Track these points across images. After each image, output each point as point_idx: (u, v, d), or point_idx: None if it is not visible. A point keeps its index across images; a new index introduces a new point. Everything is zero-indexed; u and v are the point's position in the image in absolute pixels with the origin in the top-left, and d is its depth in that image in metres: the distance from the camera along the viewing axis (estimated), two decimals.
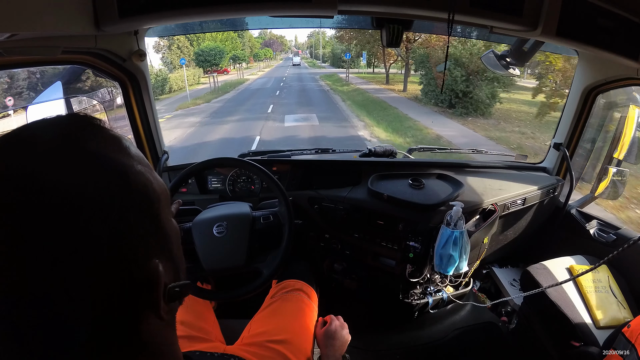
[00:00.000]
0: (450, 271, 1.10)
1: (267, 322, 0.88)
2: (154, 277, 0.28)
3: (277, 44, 60.67)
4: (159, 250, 0.30)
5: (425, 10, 0.81)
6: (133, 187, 0.28)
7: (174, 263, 0.32)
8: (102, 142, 0.27)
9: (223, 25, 1.40)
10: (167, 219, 0.31)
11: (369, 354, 1.35)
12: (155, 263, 0.28)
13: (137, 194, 0.28)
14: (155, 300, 0.29)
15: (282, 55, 69.52)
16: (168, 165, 1.35)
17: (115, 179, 0.26)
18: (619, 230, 1.28)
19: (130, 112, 1.21)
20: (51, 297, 0.23)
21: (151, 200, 0.29)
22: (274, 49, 58.07)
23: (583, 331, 1.06)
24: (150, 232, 0.29)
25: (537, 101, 9.02)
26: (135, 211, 0.27)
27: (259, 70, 37.25)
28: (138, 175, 0.28)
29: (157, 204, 0.30)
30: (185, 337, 0.81)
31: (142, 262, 0.27)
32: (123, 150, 0.29)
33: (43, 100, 1.32)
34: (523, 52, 1.07)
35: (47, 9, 0.62)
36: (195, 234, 0.92)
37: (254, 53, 46.60)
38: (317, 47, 56.55)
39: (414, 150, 1.64)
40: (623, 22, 0.81)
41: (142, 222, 0.28)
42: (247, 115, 11.20)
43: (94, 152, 0.26)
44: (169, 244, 0.31)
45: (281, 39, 64.27)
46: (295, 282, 1.01)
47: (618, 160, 1.32)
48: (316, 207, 1.29)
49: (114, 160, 0.27)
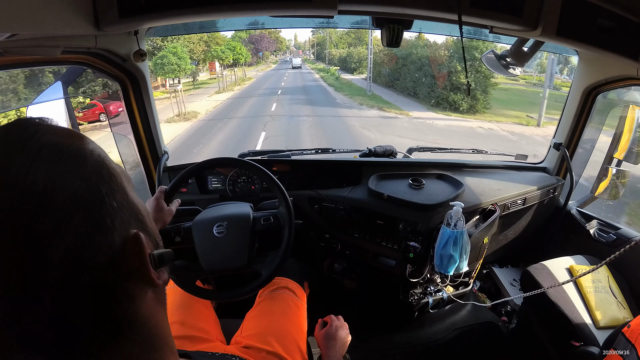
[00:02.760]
0: (450, 271, 1.10)
1: (257, 323, 0.89)
2: (138, 244, 0.29)
3: (268, 41, 38.93)
4: (134, 222, 0.31)
5: (425, 10, 0.81)
6: (92, 164, 0.29)
7: (150, 235, 0.33)
8: (51, 133, 0.29)
9: (223, 25, 1.40)
10: (134, 195, 0.33)
11: (369, 354, 1.35)
12: (136, 232, 0.30)
13: (97, 169, 0.29)
14: (144, 265, 0.30)
15: (279, 55, 52.25)
16: (168, 166, 1.35)
17: (74, 161, 0.28)
18: (619, 230, 1.28)
19: (130, 112, 1.21)
20: (30, 289, 0.24)
21: (113, 174, 0.30)
22: (263, 47, 38.32)
23: (583, 331, 1.06)
24: (123, 205, 0.30)
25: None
26: (103, 185, 0.29)
27: (217, 92, 17.67)
28: (93, 153, 0.30)
29: (120, 179, 0.31)
30: (186, 337, 0.81)
31: (122, 231, 0.29)
32: (72, 134, 0.30)
33: (43, 100, 1.32)
34: (523, 52, 1.07)
35: (47, 9, 0.62)
36: (195, 233, 0.92)
37: (218, 54, 21.57)
38: (325, 45, 40.65)
39: (414, 150, 1.64)
40: (623, 22, 0.81)
41: (112, 195, 0.29)
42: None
43: (48, 142, 0.27)
44: (141, 217, 0.33)
45: (275, 34, 40.92)
46: (281, 279, 1.02)
47: (618, 160, 1.32)
48: (316, 207, 1.29)
49: (68, 145, 0.28)
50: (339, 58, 31.85)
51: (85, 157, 0.29)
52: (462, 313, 1.52)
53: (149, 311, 0.31)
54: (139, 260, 0.29)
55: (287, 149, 1.48)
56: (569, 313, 1.09)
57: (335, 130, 9.40)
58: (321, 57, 42.21)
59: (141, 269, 0.30)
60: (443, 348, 1.38)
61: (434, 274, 1.30)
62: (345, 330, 0.93)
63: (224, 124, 10.53)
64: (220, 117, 11.67)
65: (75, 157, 0.28)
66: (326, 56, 37.79)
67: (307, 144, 7.90)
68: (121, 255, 0.28)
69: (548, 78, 10.37)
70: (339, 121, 10.52)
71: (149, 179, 1.33)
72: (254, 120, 10.66)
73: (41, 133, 0.28)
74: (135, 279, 0.29)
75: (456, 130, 9.84)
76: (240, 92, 17.89)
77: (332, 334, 0.89)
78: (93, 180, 0.28)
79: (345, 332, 0.92)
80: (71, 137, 0.29)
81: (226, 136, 9.05)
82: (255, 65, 37.63)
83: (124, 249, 0.29)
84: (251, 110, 12.78)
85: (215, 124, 10.48)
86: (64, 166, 0.27)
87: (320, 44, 44.32)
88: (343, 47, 35.58)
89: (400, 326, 1.47)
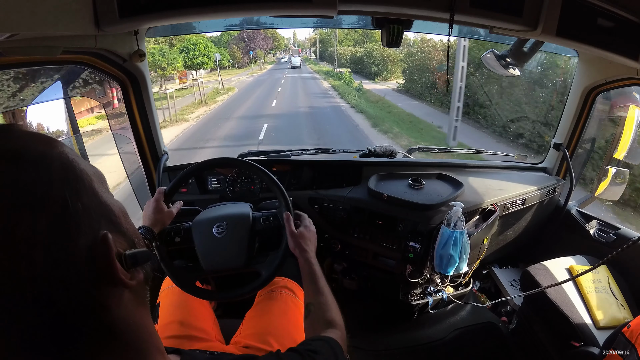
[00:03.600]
0: (450, 271, 1.10)
1: (256, 322, 0.89)
2: (105, 245, 0.29)
3: (262, 38, 32.36)
4: (105, 223, 0.30)
5: (425, 10, 0.81)
6: (57, 168, 0.29)
7: (126, 235, 0.33)
8: (14, 139, 0.29)
9: (222, 25, 1.40)
10: (107, 196, 0.33)
11: (369, 354, 1.35)
12: (104, 233, 0.29)
13: (62, 173, 0.29)
14: (111, 266, 0.29)
15: (278, 54, 45.78)
16: (168, 166, 1.35)
17: (34, 166, 0.28)
18: (619, 230, 1.28)
19: (130, 113, 1.21)
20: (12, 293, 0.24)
21: (80, 178, 0.30)
22: (256, 45, 32.31)
23: (583, 331, 1.06)
24: (92, 206, 0.30)
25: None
26: (67, 189, 0.28)
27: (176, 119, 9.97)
28: (60, 156, 0.29)
29: (89, 180, 0.31)
30: (184, 337, 0.81)
31: (89, 233, 0.29)
32: (36, 139, 0.30)
33: (43, 100, 1.32)
34: (523, 52, 1.07)
35: (47, 9, 0.62)
36: (195, 233, 0.92)
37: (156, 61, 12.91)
38: (329, 43, 33.35)
39: (413, 150, 1.64)
40: (623, 22, 0.81)
41: (79, 198, 0.29)
42: None
43: (9, 149, 0.27)
44: (114, 217, 0.32)
45: (271, 30, 27.97)
46: (280, 279, 1.01)
47: (618, 160, 1.32)
48: (316, 208, 1.29)
49: (31, 150, 0.28)
50: (350, 58, 24.12)
51: (48, 162, 0.28)
52: (462, 313, 1.52)
53: (128, 313, 0.30)
54: (105, 262, 0.29)
55: (287, 149, 1.48)
56: (569, 313, 1.09)
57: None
58: (324, 57, 35.83)
59: (108, 270, 0.29)
60: (443, 348, 1.38)
61: (433, 274, 1.30)
62: (314, 232, 0.91)
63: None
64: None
65: (36, 162, 0.28)
66: (332, 55, 29.38)
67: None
68: (90, 258, 0.28)
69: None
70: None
71: (148, 179, 1.33)
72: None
73: (4, 141, 0.28)
74: (106, 282, 0.29)
75: None
76: (194, 129, 9.28)
77: (307, 234, 0.87)
78: (56, 184, 0.28)
79: (315, 234, 0.91)
80: (35, 142, 0.29)
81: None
82: (247, 67, 31.47)
83: (92, 251, 0.28)
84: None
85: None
86: (24, 173, 0.27)
87: (324, 42, 36.96)
88: (349, 44, 28.51)
89: (400, 326, 1.47)
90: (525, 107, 7.19)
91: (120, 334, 0.29)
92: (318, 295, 0.72)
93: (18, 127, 0.30)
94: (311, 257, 0.82)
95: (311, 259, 0.81)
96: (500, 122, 7.74)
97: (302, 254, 0.82)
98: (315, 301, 0.71)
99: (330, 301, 0.71)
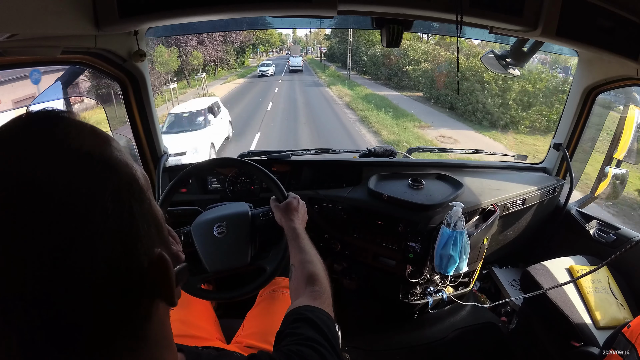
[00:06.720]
0: (450, 271, 1.10)
1: (258, 322, 0.89)
2: (164, 266, 0.28)
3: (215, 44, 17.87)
4: (156, 236, 0.29)
5: (425, 11, 0.81)
6: (124, 177, 0.27)
7: (168, 248, 0.32)
8: (81, 137, 0.27)
9: (222, 25, 1.40)
10: (155, 205, 0.31)
11: (369, 354, 1.35)
12: (159, 252, 0.28)
13: (128, 183, 0.27)
14: (169, 288, 0.29)
15: (274, 52, 37.47)
16: (167, 166, 1.34)
17: (104, 173, 0.26)
18: (619, 230, 1.27)
19: (130, 113, 1.20)
20: (52, 297, 0.23)
21: (142, 187, 0.29)
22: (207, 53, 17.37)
23: (583, 331, 1.06)
24: (148, 219, 0.28)
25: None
26: (134, 201, 0.27)
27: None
28: (124, 164, 0.28)
29: (146, 188, 0.29)
30: (186, 336, 0.81)
31: (148, 252, 0.27)
32: (102, 140, 0.28)
33: (43, 100, 1.32)
34: (523, 53, 1.07)
35: (47, 9, 0.62)
36: (195, 236, 0.91)
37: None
38: (352, 41, 18.11)
39: (413, 150, 1.64)
40: (623, 22, 0.81)
41: (141, 210, 0.27)
42: None
43: (77, 150, 0.26)
44: (162, 230, 0.31)
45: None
46: (282, 279, 1.02)
47: (618, 161, 1.32)
48: (316, 208, 1.29)
49: (98, 154, 0.26)
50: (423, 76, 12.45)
51: (116, 168, 0.27)
52: (462, 313, 1.52)
53: (160, 320, 0.30)
54: (163, 282, 0.28)
55: (287, 149, 1.48)
56: (569, 313, 1.09)
57: None
58: (335, 58, 23.94)
59: (165, 291, 0.29)
60: (443, 348, 1.38)
61: (433, 274, 1.30)
62: (304, 208, 0.89)
63: None
64: None
65: (106, 167, 0.26)
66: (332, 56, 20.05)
67: None
68: (147, 276, 0.27)
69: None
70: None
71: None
72: None
73: (72, 136, 0.26)
74: (157, 298, 0.28)
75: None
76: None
77: (294, 205, 0.85)
78: (123, 195, 0.26)
79: (304, 209, 0.89)
80: (101, 141, 0.28)
81: None
82: (213, 77, 19.02)
83: (150, 269, 0.27)
84: None
85: None
86: (95, 179, 0.25)
87: (342, 39, 21.94)
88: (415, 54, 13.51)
89: (400, 326, 1.47)
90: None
91: (149, 338, 0.29)
92: (300, 253, 0.72)
93: (88, 125, 0.28)
94: (296, 225, 0.81)
95: (295, 225, 0.80)
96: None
97: (287, 223, 0.81)
98: (297, 260, 0.70)
99: (312, 257, 0.70)
